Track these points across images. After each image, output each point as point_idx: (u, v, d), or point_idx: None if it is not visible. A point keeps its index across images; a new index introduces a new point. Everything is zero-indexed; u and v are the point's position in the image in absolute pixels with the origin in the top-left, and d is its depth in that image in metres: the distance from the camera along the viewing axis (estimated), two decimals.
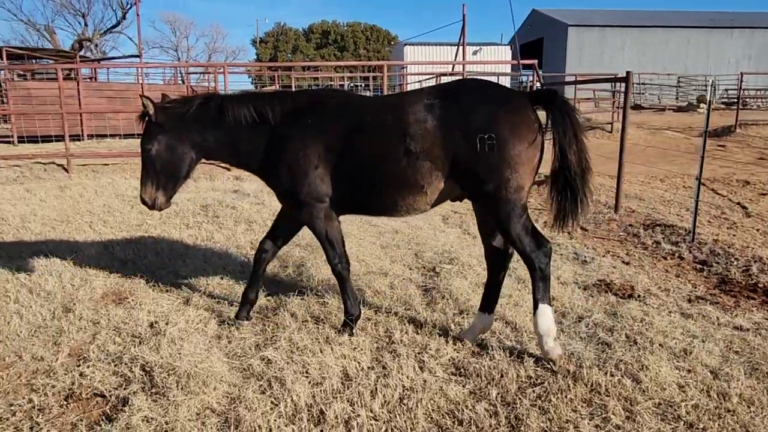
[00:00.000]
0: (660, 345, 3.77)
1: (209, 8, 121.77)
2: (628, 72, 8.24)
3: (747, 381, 3.30)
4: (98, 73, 25.88)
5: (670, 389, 3.21)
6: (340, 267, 3.94)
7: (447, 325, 4.13)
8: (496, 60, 32.74)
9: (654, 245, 6.38)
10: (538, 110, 3.58)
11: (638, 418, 2.95)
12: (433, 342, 3.80)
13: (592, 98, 26.81)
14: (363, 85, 31.61)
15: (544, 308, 3.51)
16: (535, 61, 13.08)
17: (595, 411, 3.03)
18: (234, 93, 4.46)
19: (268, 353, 3.59)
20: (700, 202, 6.84)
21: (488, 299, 3.84)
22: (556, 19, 44.36)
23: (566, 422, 2.93)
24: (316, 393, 3.19)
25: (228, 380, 3.33)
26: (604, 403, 3.08)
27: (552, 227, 3.65)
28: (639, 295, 4.76)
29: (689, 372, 3.42)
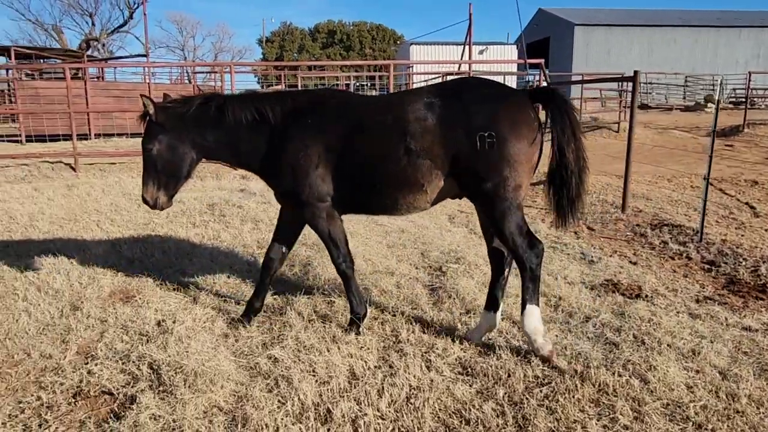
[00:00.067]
0: (668, 345, 3.75)
1: (216, 8, 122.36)
2: (635, 71, 8.20)
3: (756, 382, 3.28)
4: (105, 72, 26.08)
5: (678, 390, 3.19)
6: (344, 266, 3.95)
7: (454, 325, 4.12)
8: (502, 59, 32.66)
9: (661, 245, 6.35)
10: (538, 109, 3.57)
11: (646, 419, 2.94)
12: (440, 341, 3.79)
13: (599, 98, 26.68)
14: (369, 85, 31.65)
15: (532, 309, 3.52)
16: (541, 61, 13.03)
17: (602, 411, 3.02)
18: (234, 93, 4.47)
19: (275, 352, 3.60)
20: (708, 202, 6.79)
21: (493, 298, 3.84)
22: (562, 18, 44.23)
23: (574, 422, 2.92)
24: (323, 392, 3.20)
25: (235, 378, 3.33)
26: (612, 403, 3.07)
27: (557, 227, 3.65)
28: (646, 295, 4.74)
29: (698, 373, 3.40)
